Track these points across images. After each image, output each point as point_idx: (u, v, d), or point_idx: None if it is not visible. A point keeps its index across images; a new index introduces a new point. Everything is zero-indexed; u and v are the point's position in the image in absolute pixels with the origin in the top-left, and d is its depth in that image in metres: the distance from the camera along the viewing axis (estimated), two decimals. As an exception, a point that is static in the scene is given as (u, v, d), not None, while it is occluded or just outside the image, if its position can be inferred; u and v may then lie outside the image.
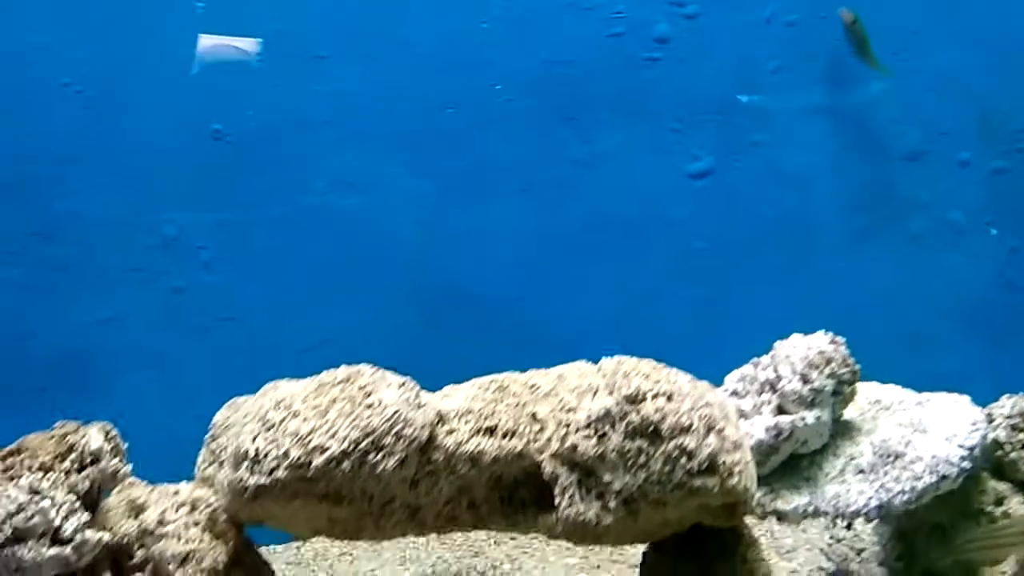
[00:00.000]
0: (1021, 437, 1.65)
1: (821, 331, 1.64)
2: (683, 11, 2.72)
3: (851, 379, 1.60)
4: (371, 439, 1.29)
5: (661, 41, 2.73)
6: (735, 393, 1.63)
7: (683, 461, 1.32)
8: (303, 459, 1.28)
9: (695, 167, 2.77)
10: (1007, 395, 1.72)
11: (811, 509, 1.54)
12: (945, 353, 2.70)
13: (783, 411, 1.58)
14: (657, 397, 1.35)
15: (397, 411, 1.32)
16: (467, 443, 1.39)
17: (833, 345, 1.60)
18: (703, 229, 2.77)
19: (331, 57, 2.65)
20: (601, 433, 1.36)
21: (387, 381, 1.37)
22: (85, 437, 1.37)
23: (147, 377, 2.50)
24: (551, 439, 1.39)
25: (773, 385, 1.59)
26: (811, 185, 2.78)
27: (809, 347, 1.60)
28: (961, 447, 1.52)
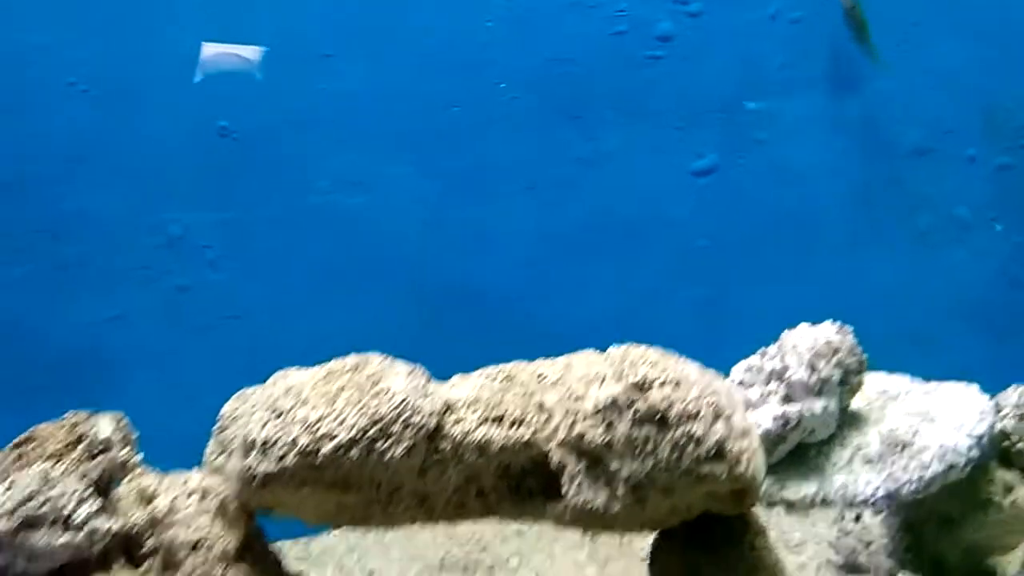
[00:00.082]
0: (1029, 427, 1.65)
1: (828, 321, 1.64)
2: (687, 9, 2.73)
3: (858, 368, 1.60)
4: (379, 427, 1.30)
5: (664, 39, 2.74)
6: (742, 383, 1.63)
7: (691, 448, 1.32)
8: (311, 447, 1.28)
9: (698, 165, 2.78)
10: (1015, 385, 1.73)
11: (819, 498, 1.55)
12: (949, 349, 2.70)
13: (790, 401, 1.58)
14: (664, 384, 1.35)
15: (405, 399, 1.32)
16: (475, 432, 1.39)
17: (840, 335, 1.60)
18: (707, 227, 2.78)
19: (336, 56, 2.66)
20: (608, 421, 1.36)
21: (395, 369, 1.38)
22: (95, 426, 1.38)
23: (153, 375, 2.51)
24: (558, 428, 1.39)
25: (780, 375, 1.59)
26: (815, 182, 2.79)
27: (816, 337, 1.60)
28: (969, 436, 1.53)
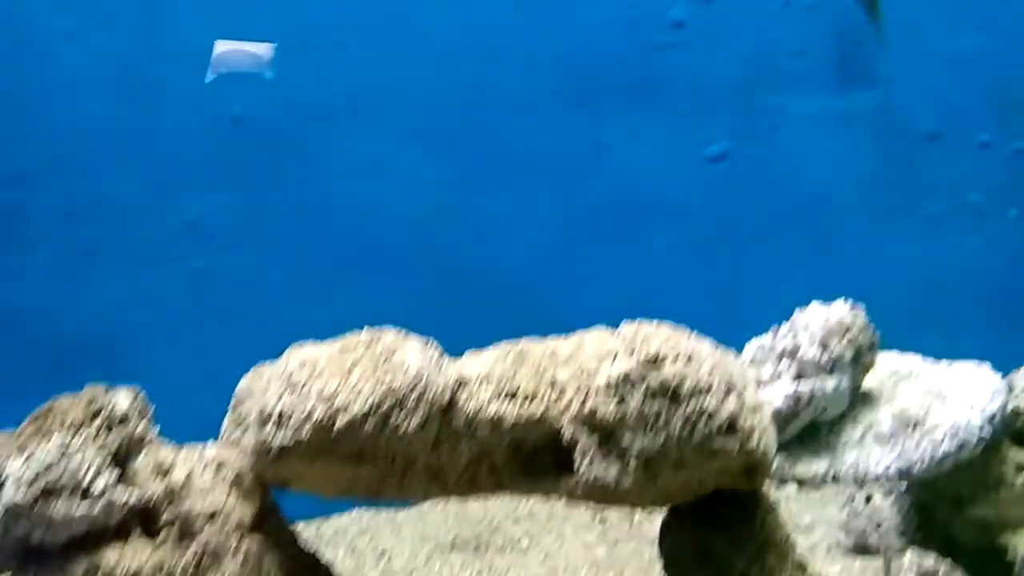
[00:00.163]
0: (1042, 406, 1.65)
1: (840, 299, 1.64)
2: (700, -6, 2.74)
3: (871, 347, 1.60)
4: (394, 399, 1.31)
5: (678, 25, 2.74)
6: (753, 361, 1.64)
7: (703, 422, 1.33)
8: (327, 419, 1.30)
9: (712, 151, 2.78)
10: (1028, 365, 1.72)
11: (830, 476, 1.55)
12: (962, 333, 2.70)
13: (802, 378, 1.58)
14: (676, 359, 1.36)
15: (419, 372, 1.33)
16: (488, 407, 1.40)
17: (853, 313, 1.60)
18: (720, 212, 2.78)
19: (350, 43, 2.67)
20: (621, 396, 1.37)
21: (409, 343, 1.39)
22: (113, 400, 1.39)
23: (171, 356, 2.54)
24: (571, 403, 1.40)
25: (792, 353, 1.59)
26: (828, 167, 2.79)
27: (828, 316, 1.60)
28: (982, 414, 1.52)
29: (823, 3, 2.75)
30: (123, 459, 1.38)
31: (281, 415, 1.31)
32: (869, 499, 1.94)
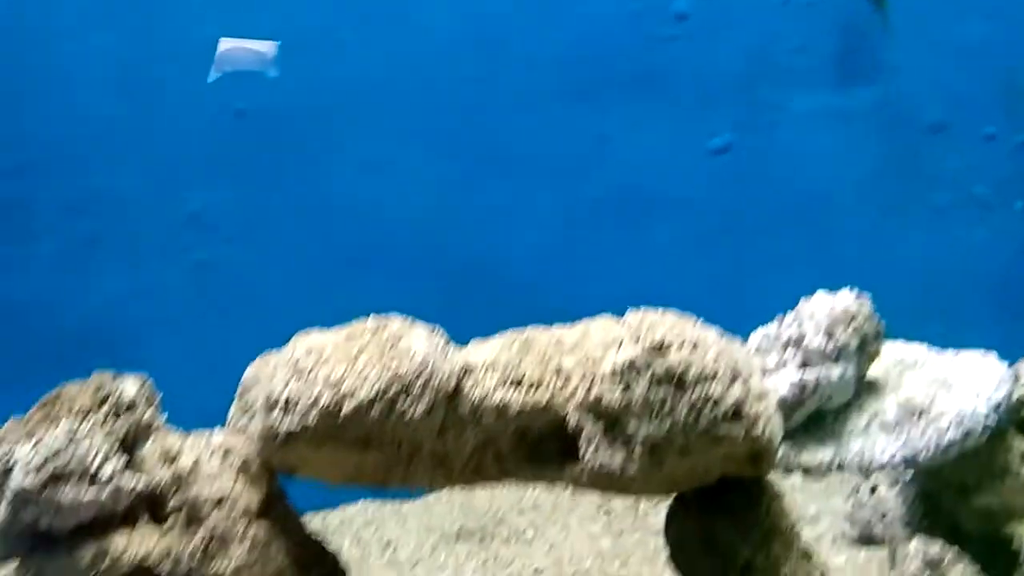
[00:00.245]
0: (1048, 395, 1.65)
1: (846, 288, 1.64)
2: (702, -13, 2.73)
3: (876, 336, 1.60)
4: (400, 385, 1.31)
5: (681, 17, 2.74)
6: (759, 350, 1.64)
7: (708, 409, 1.33)
8: (333, 404, 1.30)
9: (715, 143, 2.78)
10: (1033, 354, 1.72)
11: (835, 464, 1.55)
12: (968, 326, 2.69)
13: (807, 367, 1.58)
14: (682, 346, 1.36)
15: (425, 358, 1.34)
16: (493, 394, 1.40)
17: (858, 302, 1.60)
18: (723, 205, 2.78)
19: (353, 38, 2.67)
20: (626, 383, 1.37)
21: (416, 330, 1.39)
22: (120, 387, 1.40)
23: (174, 348, 2.54)
24: (576, 390, 1.41)
25: (797, 342, 1.60)
26: (832, 160, 2.78)
27: (834, 304, 1.60)
28: (988, 402, 1.52)
29: (827, -5, 2.75)
30: (130, 445, 1.39)
31: (288, 401, 1.32)
32: (874, 490, 1.94)
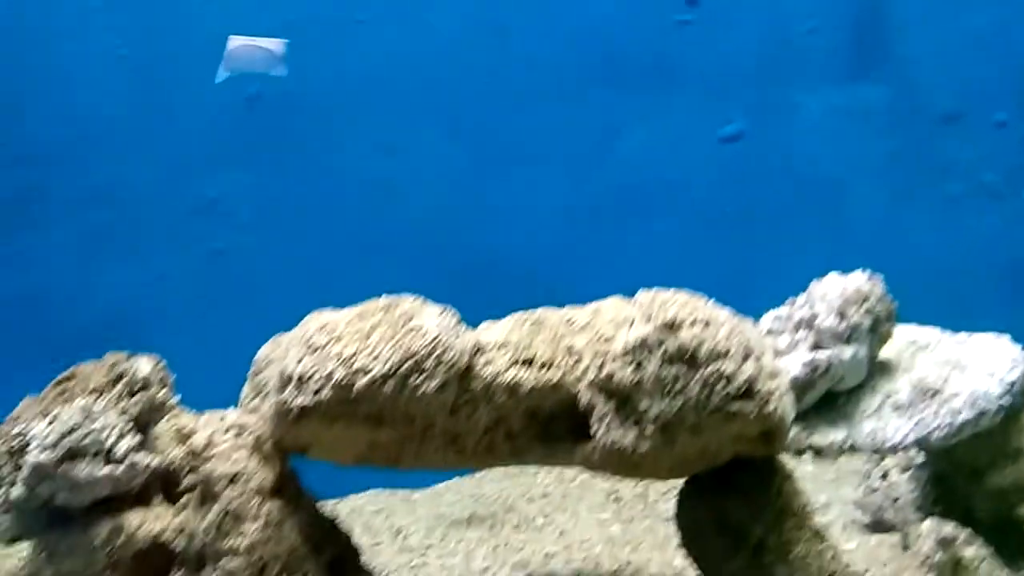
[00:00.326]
0: (1061, 377, 1.63)
1: (859, 270, 1.64)
2: (715, -28, 2.73)
3: (888, 317, 1.60)
4: (412, 361, 1.32)
5: (692, 3, 2.73)
6: (771, 331, 1.64)
7: (720, 386, 1.33)
8: (346, 380, 1.31)
9: (727, 130, 2.77)
10: (1047, 335, 1.72)
11: (847, 444, 1.55)
12: (979, 314, 2.66)
13: (820, 347, 1.58)
14: (694, 324, 1.36)
15: (438, 336, 1.34)
16: (505, 373, 1.41)
17: (871, 283, 1.60)
18: (735, 192, 2.77)
19: (367, 23, 2.68)
20: (638, 361, 1.37)
21: (427, 309, 1.40)
22: (135, 366, 1.41)
23: (189, 335, 2.55)
24: (587, 369, 1.41)
25: (809, 323, 1.59)
26: (845, 148, 2.77)
27: (846, 285, 1.60)
28: (1001, 383, 1.52)
29: (840, -19, 2.74)
30: (144, 424, 1.40)
31: (301, 377, 1.32)
32: (885, 475, 1.93)
